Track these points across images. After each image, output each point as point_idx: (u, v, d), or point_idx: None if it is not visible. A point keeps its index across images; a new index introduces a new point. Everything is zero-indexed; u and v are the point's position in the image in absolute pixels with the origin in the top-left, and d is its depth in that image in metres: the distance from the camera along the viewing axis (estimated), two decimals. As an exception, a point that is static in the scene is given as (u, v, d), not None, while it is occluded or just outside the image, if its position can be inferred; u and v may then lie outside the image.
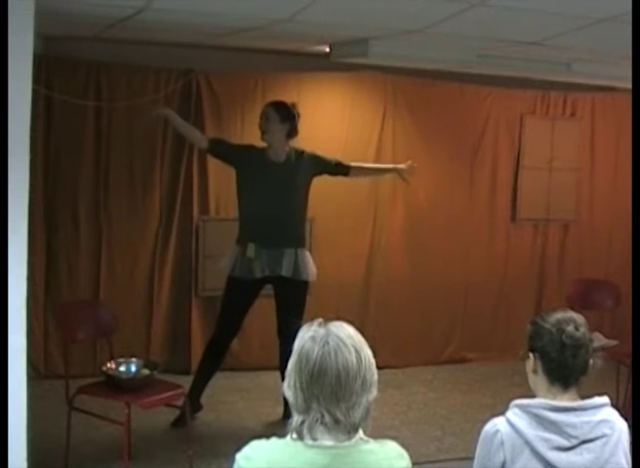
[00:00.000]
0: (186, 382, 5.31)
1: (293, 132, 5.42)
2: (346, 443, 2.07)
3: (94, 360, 6.06)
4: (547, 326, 2.56)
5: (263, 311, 6.69)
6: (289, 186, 5.38)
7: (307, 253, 5.49)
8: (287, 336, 5.24)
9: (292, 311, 5.28)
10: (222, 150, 5.47)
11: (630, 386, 4.25)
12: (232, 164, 5.46)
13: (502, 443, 2.49)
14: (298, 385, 2.07)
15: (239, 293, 5.42)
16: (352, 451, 2.07)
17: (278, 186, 5.35)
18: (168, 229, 6.43)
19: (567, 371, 2.54)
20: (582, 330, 2.55)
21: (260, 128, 5.41)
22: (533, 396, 2.59)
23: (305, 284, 5.46)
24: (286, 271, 5.34)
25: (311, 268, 5.46)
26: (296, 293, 5.42)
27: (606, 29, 3.94)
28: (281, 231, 5.35)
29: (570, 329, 2.53)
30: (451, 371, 6.93)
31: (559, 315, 2.59)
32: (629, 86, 3.11)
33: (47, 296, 6.15)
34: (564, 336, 2.52)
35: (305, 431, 2.07)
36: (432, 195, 6.99)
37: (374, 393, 2.10)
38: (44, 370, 6.11)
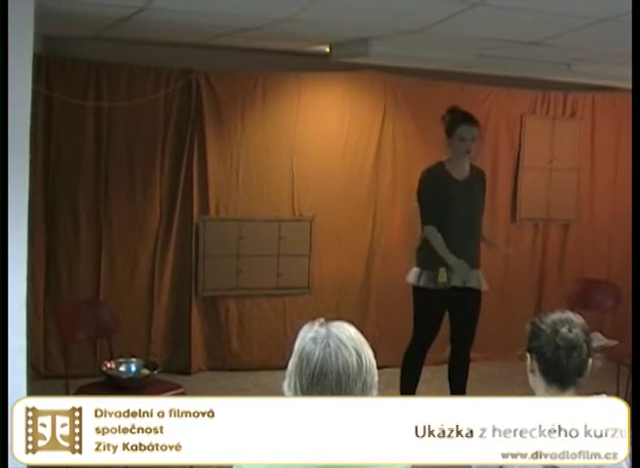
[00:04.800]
0: (186, 382, 5.30)
1: None
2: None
3: (94, 360, 6.05)
4: (544, 326, 2.56)
5: (263, 311, 6.69)
6: (472, 206, 5.23)
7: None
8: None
9: (469, 320, 5.29)
10: (436, 210, 5.20)
11: (630, 386, 4.24)
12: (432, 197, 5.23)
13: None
14: (298, 387, 2.06)
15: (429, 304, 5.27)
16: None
17: (463, 206, 5.18)
18: (168, 229, 6.42)
19: (562, 373, 2.54)
20: (576, 331, 2.54)
21: (468, 151, 5.21)
22: (533, 395, 2.58)
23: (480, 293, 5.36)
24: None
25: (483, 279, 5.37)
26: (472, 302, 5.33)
27: (606, 29, 3.94)
28: (469, 254, 5.18)
29: (564, 330, 2.53)
30: (451, 371, 6.90)
31: (556, 316, 2.59)
32: (629, 86, 3.10)
33: (47, 296, 6.14)
34: (557, 338, 2.53)
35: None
36: (432, 195, 6.98)
37: (374, 395, 2.10)
38: (44, 370, 6.09)
